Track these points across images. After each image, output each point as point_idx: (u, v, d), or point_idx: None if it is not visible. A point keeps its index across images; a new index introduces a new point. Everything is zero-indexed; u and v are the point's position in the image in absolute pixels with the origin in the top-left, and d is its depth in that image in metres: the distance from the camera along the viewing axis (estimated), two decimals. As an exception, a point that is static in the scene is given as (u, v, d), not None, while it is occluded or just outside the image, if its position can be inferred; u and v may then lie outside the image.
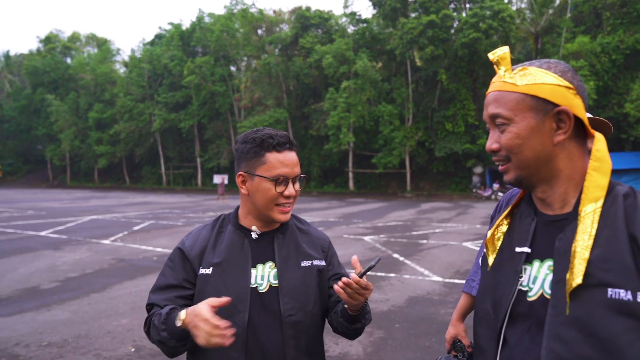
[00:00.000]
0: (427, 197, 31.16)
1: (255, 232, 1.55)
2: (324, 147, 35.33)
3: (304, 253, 1.59)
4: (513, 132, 1.05)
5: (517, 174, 1.08)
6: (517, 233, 1.15)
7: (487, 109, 1.10)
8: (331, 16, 38.17)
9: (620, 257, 0.93)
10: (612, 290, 0.92)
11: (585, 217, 0.99)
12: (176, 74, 43.08)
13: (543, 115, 1.04)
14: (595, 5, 30.19)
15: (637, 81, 27.02)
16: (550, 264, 1.04)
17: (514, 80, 1.06)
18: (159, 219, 16.27)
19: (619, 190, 1.04)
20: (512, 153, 1.06)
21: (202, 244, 1.54)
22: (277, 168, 1.48)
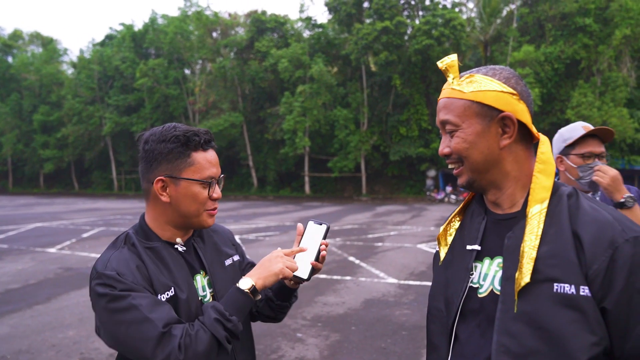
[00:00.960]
0: (382, 201, 31.61)
1: (180, 245, 1.41)
2: (280, 151, 35.23)
3: (224, 252, 1.53)
4: (461, 137, 1.10)
5: (469, 176, 1.13)
6: (468, 231, 1.19)
7: (438, 115, 1.15)
8: (287, 20, 38.18)
9: (565, 254, 0.98)
10: (558, 285, 0.97)
11: (532, 217, 1.03)
12: (128, 76, 41.85)
13: (489, 120, 1.09)
14: (539, 17, 31.61)
15: (577, 89, 28.49)
16: (500, 261, 1.09)
17: (461, 87, 1.11)
18: (109, 226, 15.74)
19: (563, 190, 1.09)
20: (462, 157, 1.11)
21: (140, 270, 1.28)
22: (206, 169, 1.35)
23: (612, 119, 26.50)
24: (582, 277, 0.96)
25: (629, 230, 0.98)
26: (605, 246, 0.96)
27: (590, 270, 0.96)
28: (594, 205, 1.05)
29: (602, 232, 0.98)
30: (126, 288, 1.22)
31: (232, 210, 23.55)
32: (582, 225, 1.00)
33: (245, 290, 1.30)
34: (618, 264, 0.95)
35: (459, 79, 1.12)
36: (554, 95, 30.59)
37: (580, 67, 29.62)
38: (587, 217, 1.01)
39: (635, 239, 0.97)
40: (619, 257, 0.95)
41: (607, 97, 27.73)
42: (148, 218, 1.41)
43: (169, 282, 1.31)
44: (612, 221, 0.99)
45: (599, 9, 28.72)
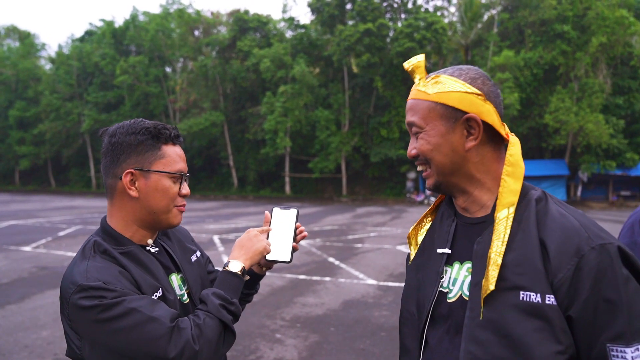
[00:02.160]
0: (362, 202, 31.73)
1: (152, 247, 1.37)
2: (261, 151, 35.11)
3: (189, 249, 1.52)
4: (425, 139, 1.09)
5: (435, 179, 1.12)
6: (438, 234, 1.19)
7: (407, 116, 1.14)
8: (270, 20, 38.07)
9: (531, 262, 0.97)
10: (524, 294, 0.96)
11: (499, 223, 1.02)
12: (108, 73, 41.21)
13: (453, 122, 1.07)
14: (519, 23, 32.13)
15: (555, 94, 29.01)
16: (469, 266, 1.07)
17: (426, 88, 1.10)
18: (87, 224, 15.48)
19: (532, 194, 1.07)
20: (428, 158, 1.10)
21: (124, 276, 1.22)
22: (176, 162, 1.32)
23: (589, 124, 27.06)
24: (548, 285, 0.95)
25: (595, 237, 0.97)
26: (571, 254, 0.95)
27: (555, 278, 0.95)
28: (562, 210, 1.04)
29: (568, 240, 0.97)
30: (118, 295, 1.15)
31: (212, 210, 23.38)
32: (549, 232, 0.99)
33: (237, 272, 1.32)
34: (583, 272, 0.94)
35: (424, 80, 1.11)
36: (533, 100, 31.12)
37: (558, 73, 30.18)
38: (554, 224, 1.00)
39: (602, 246, 0.95)
40: (584, 265, 0.94)
41: (583, 103, 28.31)
42: (113, 221, 1.33)
43: (155, 283, 1.27)
44: (579, 228, 0.98)
45: (576, 17, 29.32)
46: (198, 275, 1.47)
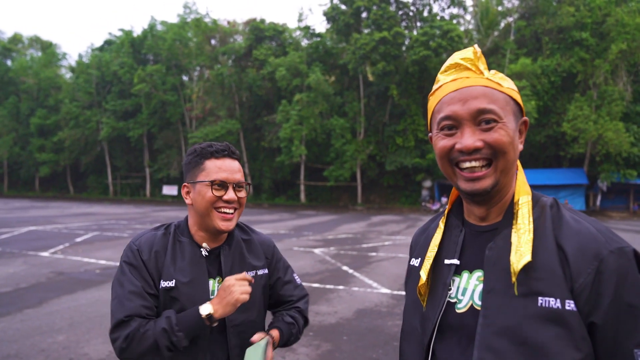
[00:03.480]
0: (377, 210, 31.61)
1: (205, 249, 1.58)
2: (276, 159, 35.26)
3: (248, 264, 1.64)
4: (504, 130, 0.99)
5: (497, 178, 1.01)
6: (445, 245, 1.13)
7: (467, 103, 1.01)
8: (285, 29, 38.38)
9: (549, 266, 0.93)
10: (542, 299, 0.92)
11: (522, 205, 1.01)
12: (126, 82, 41.93)
13: (516, 122, 1.04)
14: (536, 30, 31.90)
15: (573, 102, 28.64)
16: (480, 275, 1.03)
17: (497, 79, 1.04)
18: (103, 230, 15.67)
19: (544, 201, 1.05)
20: (500, 153, 1.00)
21: (158, 255, 1.52)
22: (215, 173, 1.53)
23: (608, 132, 26.65)
24: (568, 290, 0.91)
25: (612, 241, 0.94)
26: (590, 259, 0.92)
27: (576, 283, 0.91)
28: (575, 216, 1.01)
29: (586, 244, 0.93)
30: (132, 264, 1.50)
31: (227, 217, 23.50)
32: (566, 237, 0.96)
33: (202, 315, 1.43)
34: (604, 277, 0.90)
35: (488, 71, 1.05)
36: (550, 108, 30.78)
37: (576, 81, 29.85)
38: (570, 229, 0.97)
39: (620, 249, 0.93)
40: (604, 269, 0.91)
41: (603, 111, 27.91)
42: (188, 220, 1.65)
43: (174, 274, 1.50)
44: (595, 233, 0.95)
45: (595, 24, 29.01)
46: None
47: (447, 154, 1.03)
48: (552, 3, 31.63)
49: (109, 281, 7.75)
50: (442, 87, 1.06)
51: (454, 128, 1.02)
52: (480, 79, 1.02)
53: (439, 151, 1.05)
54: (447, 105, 1.02)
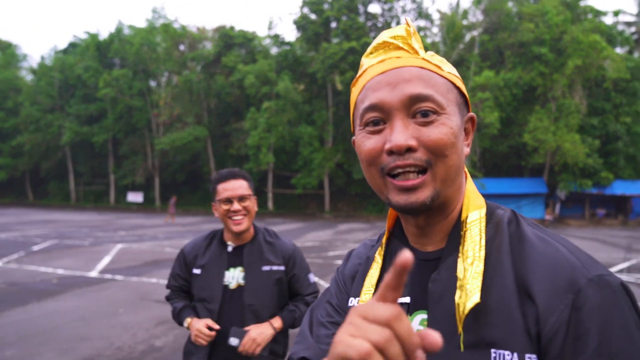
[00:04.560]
0: (344, 218, 31.81)
1: (230, 246, 2.21)
2: (244, 166, 35.08)
3: (266, 260, 2.19)
4: (449, 126, 0.75)
5: (436, 189, 0.75)
6: None
7: (399, 87, 0.75)
8: (255, 37, 38.38)
9: (505, 307, 0.70)
10: (496, 352, 0.69)
11: (472, 224, 0.78)
12: (91, 86, 40.95)
13: (462, 116, 0.80)
14: (499, 44, 32.93)
15: (533, 114, 29.68)
16: (424, 317, 0.79)
17: (435, 61, 0.79)
18: (63, 238, 15.28)
19: (500, 215, 0.81)
20: (440, 156, 0.74)
21: (195, 251, 2.25)
22: (221, 193, 2.14)
23: (566, 143, 27.70)
24: (528, 340, 0.68)
25: (590, 267, 0.70)
26: (563, 290, 0.68)
27: (546, 326, 0.67)
28: (540, 233, 0.77)
29: (556, 272, 0.70)
30: (178, 258, 2.31)
31: (192, 225, 23.24)
32: (529, 263, 0.72)
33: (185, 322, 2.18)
34: (584, 314, 0.66)
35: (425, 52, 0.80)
36: (513, 119, 31.76)
37: (536, 94, 30.92)
38: (535, 252, 0.73)
39: (600, 277, 0.68)
40: (583, 303, 0.66)
41: (561, 123, 29.00)
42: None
43: (201, 264, 2.20)
44: (568, 255, 0.72)
45: (553, 40, 30.17)
46: (260, 282, 2.16)
47: (374, 160, 0.77)
48: (513, 19, 32.75)
49: (66, 291, 7.60)
50: (367, 71, 0.81)
51: (381, 122, 0.76)
52: (414, 59, 0.78)
53: (365, 156, 0.78)
54: (372, 92, 0.77)
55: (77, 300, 7.08)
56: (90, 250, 12.73)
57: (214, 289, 2.13)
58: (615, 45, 33.71)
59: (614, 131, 30.82)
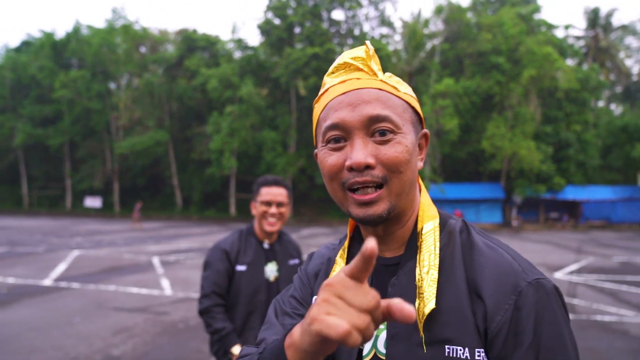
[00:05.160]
0: (307, 223, 31.87)
1: (265, 244, 2.49)
2: (206, 171, 34.69)
3: (289, 254, 2.53)
4: (404, 145, 0.82)
5: (392, 203, 0.83)
6: None
7: (359, 108, 0.82)
8: (218, 40, 38.06)
9: (458, 308, 0.79)
10: (450, 348, 0.78)
11: (426, 235, 0.86)
12: (46, 86, 39.52)
13: (416, 133, 0.88)
14: (459, 53, 33.84)
15: (491, 122, 30.64)
16: None
17: (392, 82, 0.87)
18: (14, 245, 14.71)
19: (453, 225, 0.90)
20: (396, 172, 0.82)
21: (236, 248, 2.44)
22: (264, 195, 2.39)
23: (522, 150, 28.72)
24: (477, 337, 0.77)
25: (529, 271, 0.80)
26: (508, 292, 0.78)
27: (492, 323, 0.77)
28: (488, 241, 0.87)
29: (503, 276, 0.79)
30: (215, 258, 2.43)
31: (153, 231, 22.79)
32: (479, 268, 0.82)
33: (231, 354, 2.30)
34: (523, 313, 0.76)
35: (383, 73, 0.88)
36: (471, 127, 32.66)
37: (494, 102, 31.93)
38: (483, 258, 0.82)
39: (538, 282, 0.79)
40: (523, 304, 0.77)
41: (517, 130, 30.04)
42: (254, 225, 2.53)
43: (246, 260, 2.40)
44: (512, 261, 0.82)
45: (509, 50, 31.26)
46: (289, 274, 2.46)
47: (336, 175, 0.85)
48: (472, 29, 33.74)
49: (18, 301, 7.34)
50: (329, 90, 0.88)
51: (342, 140, 0.84)
52: (373, 80, 0.85)
53: (327, 171, 0.86)
54: (334, 112, 0.84)
55: (30, 310, 6.84)
56: (44, 257, 12.30)
57: (260, 282, 2.39)
58: (566, 57, 35.28)
59: (565, 139, 32.16)
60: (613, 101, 46.67)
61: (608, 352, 5.33)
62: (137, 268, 10.88)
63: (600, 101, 40.58)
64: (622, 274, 11.16)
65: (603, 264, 12.82)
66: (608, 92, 43.63)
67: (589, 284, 9.64)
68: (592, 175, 34.17)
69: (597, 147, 34.01)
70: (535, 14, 35.22)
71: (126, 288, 8.55)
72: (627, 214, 31.69)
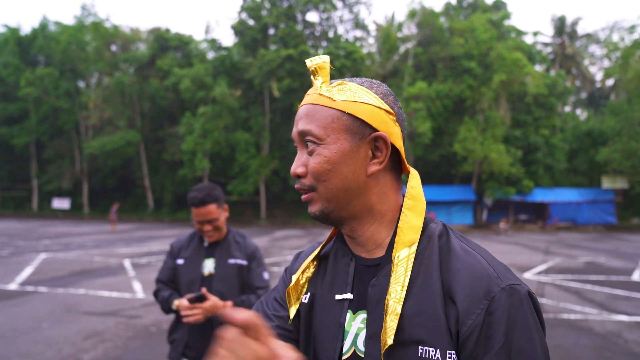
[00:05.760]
0: (281, 225, 31.80)
1: (206, 242, 2.64)
2: (178, 172, 34.25)
3: (231, 254, 2.63)
4: (323, 155, 0.88)
5: (323, 206, 0.91)
6: (333, 277, 0.98)
7: (296, 124, 0.92)
8: (191, 40, 37.64)
9: (432, 311, 0.82)
10: (422, 349, 0.80)
11: (398, 264, 0.87)
12: (10, 84, 38.30)
13: (359, 139, 0.90)
14: (431, 57, 34.35)
15: (463, 125, 31.18)
16: (364, 317, 0.90)
17: (331, 94, 0.91)
18: (-22, 249, 14.22)
19: (433, 229, 0.92)
20: (319, 180, 0.89)
21: (181, 245, 2.68)
22: (195, 216, 2.51)
23: (492, 153, 29.32)
24: (449, 338, 0.80)
25: (504, 277, 0.82)
26: (480, 297, 0.80)
27: (464, 326, 0.79)
28: (466, 246, 0.89)
29: (476, 281, 0.82)
30: (167, 252, 2.72)
31: (124, 233, 22.37)
32: (454, 273, 0.84)
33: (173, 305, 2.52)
34: (495, 317, 0.78)
35: (328, 84, 0.93)
36: (444, 129, 33.16)
37: (466, 105, 32.51)
38: (459, 263, 0.85)
39: (512, 288, 0.81)
40: (495, 309, 0.79)
41: (488, 134, 30.65)
42: None
43: (185, 255, 2.63)
44: (487, 266, 0.84)
45: (481, 55, 31.90)
46: (226, 271, 2.59)
47: None
48: (445, 34, 34.30)
49: (-17, 305, 7.11)
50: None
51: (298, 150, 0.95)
52: (310, 95, 0.93)
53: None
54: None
55: (-5, 314, 6.64)
56: (9, 260, 11.94)
57: (195, 276, 2.56)
58: (534, 63, 36.17)
59: (534, 142, 32.96)
60: (578, 106, 48.15)
61: (574, 349, 5.50)
62: (108, 271, 10.67)
63: (566, 106, 41.80)
64: (586, 273, 11.52)
65: (569, 264, 13.21)
66: (574, 97, 45.04)
67: (556, 283, 9.92)
68: (559, 178, 35.10)
69: (563, 151, 34.98)
70: (506, 20, 36.02)
71: (97, 291, 8.37)
72: (591, 216, 32.67)
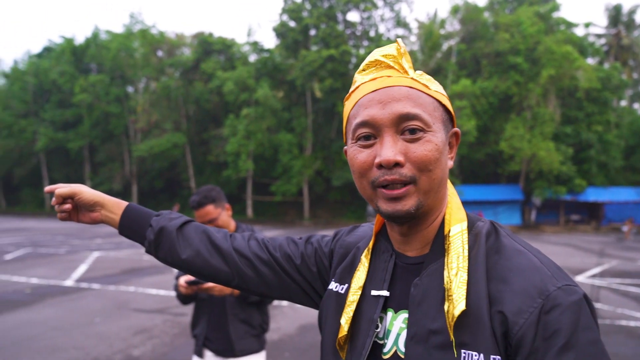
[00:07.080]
0: (324, 225, 31.83)
1: None
2: (223, 173, 34.88)
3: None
4: (434, 143, 0.82)
5: (420, 200, 0.83)
6: (373, 273, 0.94)
7: (389, 106, 0.82)
8: (234, 44, 38.29)
9: (475, 312, 0.77)
10: (466, 352, 0.76)
11: (454, 237, 0.84)
12: (66, 91, 40.24)
13: (446, 131, 0.87)
14: (475, 53, 33.51)
15: (510, 122, 30.23)
16: (406, 317, 0.85)
17: (423, 80, 0.86)
18: (37, 246, 14.94)
19: (480, 227, 0.87)
20: (425, 170, 0.81)
21: None
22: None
23: (541, 151, 28.27)
24: (493, 342, 0.75)
25: (558, 277, 0.77)
26: (533, 295, 0.75)
27: (515, 326, 0.74)
28: (517, 245, 0.84)
29: (527, 279, 0.77)
30: None
31: (171, 233, 22.92)
32: (503, 272, 0.79)
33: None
34: (552, 316, 0.72)
35: (414, 71, 0.87)
36: (489, 128, 32.29)
37: (512, 102, 31.51)
38: (509, 262, 0.80)
39: (568, 287, 0.76)
40: (551, 307, 0.73)
41: (536, 131, 29.60)
42: None
43: None
44: (540, 265, 0.79)
45: (528, 50, 30.84)
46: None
47: (365, 173, 0.84)
48: (489, 29, 33.38)
49: (40, 301, 7.44)
50: (360, 87, 0.89)
51: (372, 137, 0.84)
52: (404, 78, 0.85)
53: (357, 168, 0.85)
54: (364, 109, 0.84)
55: (52, 310, 6.93)
56: (66, 258, 12.47)
57: None
58: (586, 56, 34.66)
59: (586, 139, 31.58)
60: (636, 100, 45.71)
61: (633, 358, 5.19)
62: (156, 270, 10.97)
63: (622, 101, 39.76)
64: (647, 276, 10.91)
65: (627, 267, 12.55)
66: (631, 91, 42.73)
67: (612, 287, 9.44)
68: (614, 176, 33.49)
69: (619, 148, 33.28)
70: (554, 12, 34.67)
71: (145, 289, 8.61)
72: (651, 216, 31.02)
